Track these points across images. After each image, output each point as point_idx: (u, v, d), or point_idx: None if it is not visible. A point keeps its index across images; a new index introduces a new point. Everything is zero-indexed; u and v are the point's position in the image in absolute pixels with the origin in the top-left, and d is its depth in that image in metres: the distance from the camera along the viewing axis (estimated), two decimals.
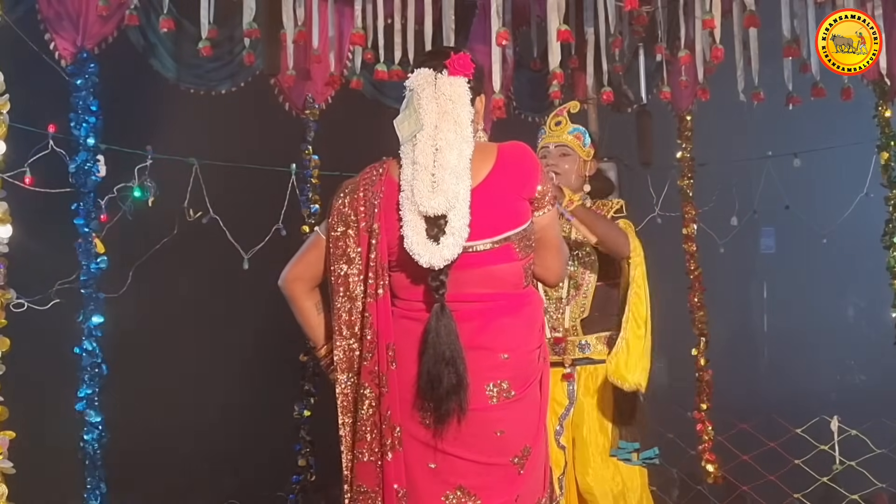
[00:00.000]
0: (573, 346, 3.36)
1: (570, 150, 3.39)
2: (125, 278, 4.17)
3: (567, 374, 3.36)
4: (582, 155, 3.41)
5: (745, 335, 7.81)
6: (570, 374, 3.36)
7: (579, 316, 3.38)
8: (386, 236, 2.27)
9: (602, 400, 3.34)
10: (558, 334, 3.36)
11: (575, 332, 3.37)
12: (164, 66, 4.26)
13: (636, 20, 4.50)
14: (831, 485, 4.64)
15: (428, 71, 2.30)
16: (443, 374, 2.17)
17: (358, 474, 2.28)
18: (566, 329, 3.36)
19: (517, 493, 2.28)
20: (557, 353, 3.34)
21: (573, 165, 3.39)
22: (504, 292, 2.30)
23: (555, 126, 3.45)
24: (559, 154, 3.39)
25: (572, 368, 3.37)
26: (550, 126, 3.47)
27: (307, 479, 4.70)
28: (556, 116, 3.48)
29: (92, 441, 3.82)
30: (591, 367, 3.38)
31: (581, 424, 3.35)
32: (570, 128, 3.42)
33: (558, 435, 3.34)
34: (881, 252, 4.38)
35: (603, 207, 3.46)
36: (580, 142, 3.41)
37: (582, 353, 3.38)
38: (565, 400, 3.36)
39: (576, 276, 3.38)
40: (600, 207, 3.46)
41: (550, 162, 3.37)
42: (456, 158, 2.20)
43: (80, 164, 3.85)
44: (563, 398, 3.36)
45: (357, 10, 4.27)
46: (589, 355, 3.38)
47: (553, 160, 3.37)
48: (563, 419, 3.35)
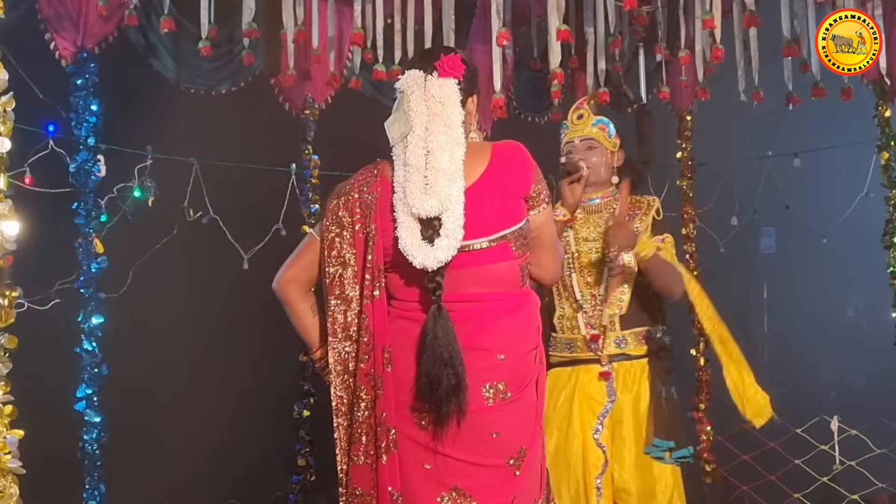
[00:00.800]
0: (610, 342, 3.28)
1: (596, 142, 3.32)
2: (125, 278, 4.18)
3: (604, 372, 3.28)
4: (608, 146, 3.34)
5: (745, 335, 7.79)
6: (607, 372, 3.28)
7: (617, 313, 3.30)
8: (381, 238, 2.26)
9: (638, 397, 3.28)
10: (595, 331, 3.28)
11: (613, 328, 3.29)
12: (164, 66, 4.27)
13: (636, 20, 4.50)
14: (831, 485, 4.63)
15: (418, 73, 2.29)
16: (441, 376, 2.16)
17: (353, 477, 2.27)
18: (603, 326, 3.27)
19: (513, 494, 2.27)
20: (594, 351, 3.28)
21: (601, 158, 3.32)
22: (501, 292, 2.29)
23: (577, 120, 3.38)
24: (585, 148, 3.32)
25: (609, 366, 3.29)
26: (572, 120, 3.39)
27: (307, 479, 4.71)
28: (578, 110, 3.41)
29: (91, 441, 3.82)
30: (627, 363, 3.30)
31: (621, 421, 3.27)
32: (594, 119, 3.36)
33: (597, 433, 3.26)
34: (881, 252, 4.38)
35: (639, 205, 3.39)
36: (605, 133, 3.35)
37: (619, 349, 3.29)
38: (605, 398, 3.28)
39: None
40: (636, 206, 3.38)
41: (578, 157, 3.30)
42: (448, 160, 2.19)
43: (81, 164, 3.86)
44: (602, 396, 3.28)
45: (357, 10, 4.28)
46: (626, 351, 3.29)
47: (580, 155, 3.30)
48: (602, 417, 3.27)
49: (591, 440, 3.26)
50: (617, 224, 3.21)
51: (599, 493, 3.21)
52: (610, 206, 3.39)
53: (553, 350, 3.41)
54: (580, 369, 3.33)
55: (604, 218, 3.35)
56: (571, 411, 3.29)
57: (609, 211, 3.38)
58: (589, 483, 3.23)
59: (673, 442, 3.23)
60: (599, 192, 3.38)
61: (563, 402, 3.32)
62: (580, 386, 3.31)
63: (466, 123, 2.31)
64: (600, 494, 3.21)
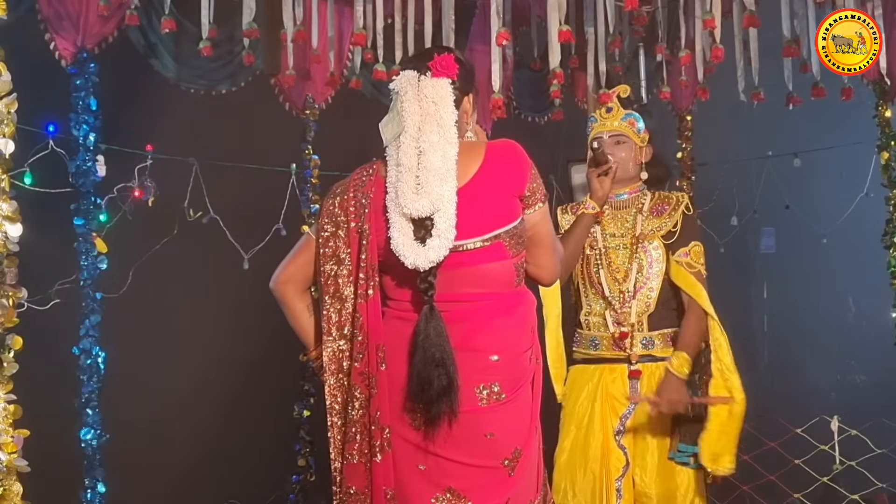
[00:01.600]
0: (637, 342, 3.24)
1: (624, 137, 3.29)
2: (125, 278, 4.18)
3: (634, 370, 3.26)
4: (637, 141, 3.31)
5: (745, 335, 7.81)
6: (637, 370, 3.26)
7: (645, 311, 3.27)
8: (375, 237, 2.26)
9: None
10: (624, 329, 3.24)
11: (641, 328, 3.26)
12: (165, 66, 4.26)
13: (636, 20, 4.50)
14: (831, 485, 4.63)
15: (412, 73, 2.30)
16: (433, 376, 2.16)
17: (347, 476, 2.27)
18: (632, 324, 3.24)
19: (508, 495, 2.26)
20: (622, 349, 3.25)
21: (629, 153, 3.29)
22: (496, 292, 2.29)
23: (605, 113, 3.33)
24: (614, 143, 3.28)
25: (637, 365, 3.27)
26: (601, 114, 3.34)
27: (307, 479, 4.71)
28: (606, 102, 3.36)
29: (91, 440, 3.82)
30: (652, 364, 3.28)
31: (644, 425, 3.24)
32: (623, 114, 3.31)
33: (619, 435, 3.23)
34: (881, 252, 4.37)
35: (668, 201, 3.35)
36: (634, 128, 3.31)
37: (645, 350, 3.27)
38: (627, 399, 3.26)
39: (642, 268, 3.28)
40: (665, 201, 3.35)
41: (606, 151, 3.26)
42: (440, 160, 2.18)
43: (80, 164, 3.86)
44: (625, 398, 3.26)
45: (357, 10, 4.27)
46: (652, 352, 3.28)
47: (609, 150, 3.26)
48: (624, 419, 3.25)
49: (612, 441, 3.22)
50: (659, 403, 3.16)
51: (619, 495, 3.19)
52: (639, 202, 3.35)
53: (577, 347, 3.39)
54: (604, 368, 3.30)
55: (631, 213, 3.31)
56: (593, 410, 3.25)
57: (637, 206, 3.34)
58: (609, 484, 3.19)
59: (698, 448, 3.18)
60: (627, 188, 3.35)
61: (585, 400, 3.29)
62: (603, 385, 3.27)
63: (461, 123, 2.30)
64: (620, 497, 3.19)
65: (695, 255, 3.28)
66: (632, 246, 3.27)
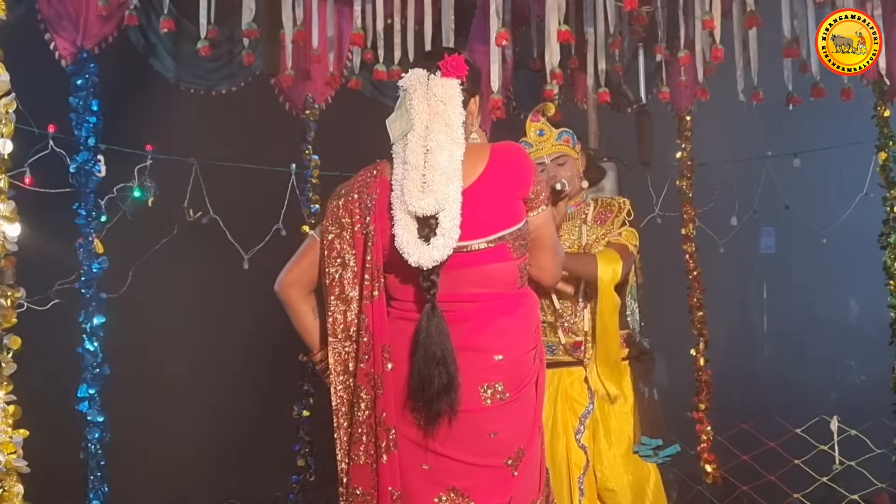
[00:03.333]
0: (591, 348, 3.27)
1: (564, 156, 3.29)
2: (125, 278, 4.18)
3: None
4: (575, 155, 3.32)
5: (745, 335, 7.81)
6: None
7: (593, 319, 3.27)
8: (380, 238, 2.27)
9: (620, 397, 3.30)
10: (578, 338, 3.29)
11: (594, 334, 3.27)
12: (164, 66, 4.27)
13: (636, 20, 4.50)
14: (831, 485, 4.64)
15: (421, 71, 2.30)
16: (433, 375, 2.16)
17: (354, 477, 2.28)
18: (585, 332, 3.27)
19: (510, 494, 2.27)
20: (576, 356, 3.29)
21: (573, 170, 3.29)
22: (499, 292, 2.29)
23: (539, 137, 3.31)
24: (556, 165, 3.28)
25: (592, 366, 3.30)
26: (535, 139, 3.32)
27: (307, 479, 4.71)
28: (534, 124, 3.33)
29: (94, 441, 3.82)
30: None
31: (600, 422, 3.29)
32: (556, 134, 3.30)
33: (579, 434, 3.28)
34: (880, 252, 4.38)
35: (610, 208, 3.37)
36: (569, 145, 3.31)
37: None
38: (586, 400, 3.30)
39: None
40: (608, 209, 3.37)
41: (551, 174, 3.25)
42: (447, 160, 2.19)
43: (81, 164, 3.86)
44: (583, 398, 3.30)
45: (357, 10, 4.28)
46: None
47: (553, 172, 3.26)
48: (584, 418, 3.29)
49: (573, 441, 3.28)
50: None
51: (582, 493, 3.25)
52: (582, 212, 3.40)
53: None
54: (562, 371, 3.35)
55: (577, 224, 3.35)
56: (555, 413, 3.32)
57: (581, 217, 3.38)
58: (572, 483, 3.26)
59: (660, 440, 3.29)
60: (573, 201, 3.39)
61: (547, 404, 3.32)
62: (562, 388, 3.34)
63: (467, 124, 2.31)
64: (582, 494, 3.25)
65: (625, 234, 3.30)
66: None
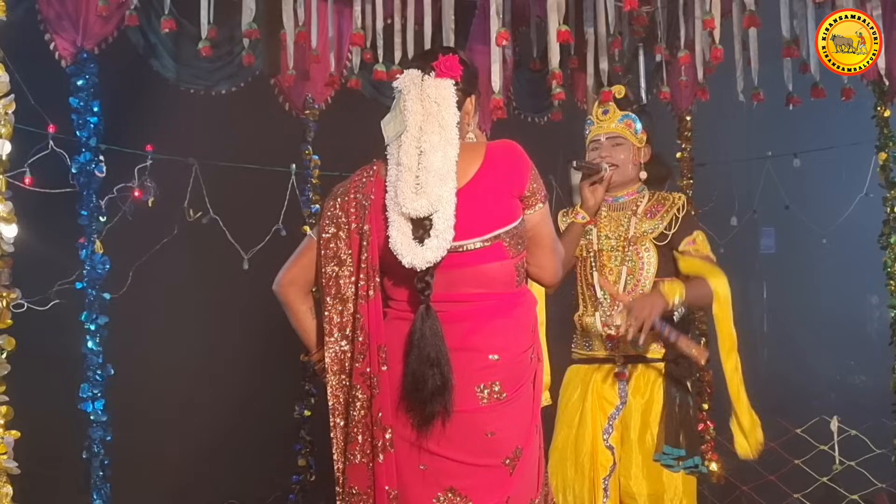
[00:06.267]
0: (626, 343, 3.18)
1: (622, 139, 3.28)
2: (125, 278, 4.18)
3: (619, 372, 3.26)
4: (634, 142, 3.30)
5: (744, 335, 7.80)
6: (622, 373, 3.26)
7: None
8: (376, 238, 2.27)
9: (651, 402, 3.25)
10: (611, 331, 3.23)
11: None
12: (164, 66, 4.26)
13: (636, 20, 4.50)
14: (831, 485, 4.64)
15: (415, 72, 2.30)
16: (427, 376, 2.16)
17: (350, 476, 2.27)
18: (618, 325, 3.16)
19: (508, 494, 2.27)
20: (611, 350, 3.25)
21: (628, 155, 3.28)
22: (495, 292, 2.29)
23: (602, 115, 3.33)
24: (612, 145, 3.28)
25: (624, 367, 3.26)
26: (597, 116, 3.34)
27: (307, 479, 4.71)
28: (603, 104, 3.36)
29: (97, 440, 3.82)
30: (642, 366, 3.27)
31: (629, 425, 3.25)
32: (620, 115, 3.31)
33: (607, 434, 3.24)
34: (880, 252, 4.38)
35: (663, 202, 3.34)
36: (631, 129, 3.30)
37: (635, 351, 3.24)
38: (616, 399, 3.26)
39: (634, 270, 3.26)
40: (661, 202, 3.34)
41: (604, 154, 3.25)
42: (440, 161, 2.19)
43: (83, 164, 3.86)
44: (613, 397, 3.27)
45: (357, 10, 4.27)
46: (642, 353, 3.25)
47: (606, 152, 3.26)
48: (612, 419, 3.25)
49: (600, 440, 3.24)
50: (630, 306, 3.05)
51: (606, 494, 3.20)
52: (635, 203, 3.35)
53: (574, 347, 3.41)
54: (596, 368, 3.31)
55: (626, 216, 3.31)
56: (583, 410, 3.27)
57: (632, 209, 3.33)
58: (597, 483, 3.21)
59: (683, 450, 3.18)
60: (626, 190, 3.35)
61: (577, 400, 3.31)
62: (594, 385, 3.29)
63: (463, 124, 2.30)
64: (607, 496, 3.20)
65: (700, 242, 3.27)
66: (623, 249, 3.27)
